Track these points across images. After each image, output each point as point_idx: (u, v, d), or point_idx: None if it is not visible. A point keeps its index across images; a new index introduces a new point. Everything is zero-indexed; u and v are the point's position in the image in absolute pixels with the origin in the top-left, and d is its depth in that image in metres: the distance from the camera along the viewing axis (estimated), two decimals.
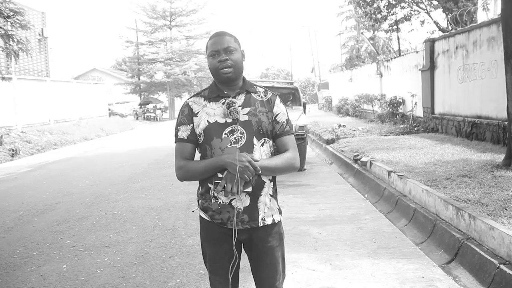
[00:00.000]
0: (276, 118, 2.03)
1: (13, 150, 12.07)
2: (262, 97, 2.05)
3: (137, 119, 29.70)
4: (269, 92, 2.08)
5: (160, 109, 32.17)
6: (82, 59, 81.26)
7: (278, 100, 2.07)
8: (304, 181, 7.53)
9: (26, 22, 12.56)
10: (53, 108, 19.40)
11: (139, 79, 33.35)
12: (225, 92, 2.00)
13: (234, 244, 1.95)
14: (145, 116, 30.36)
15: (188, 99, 2.08)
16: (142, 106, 31.84)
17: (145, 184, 7.63)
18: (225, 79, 1.97)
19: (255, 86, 2.08)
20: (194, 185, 7.84)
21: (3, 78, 13.79)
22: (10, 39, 11.73)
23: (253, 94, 2.04)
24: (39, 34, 20.97)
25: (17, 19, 11.75)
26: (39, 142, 14.07)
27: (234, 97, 1.99)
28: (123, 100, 37.45)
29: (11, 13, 11.50)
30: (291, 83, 10.95)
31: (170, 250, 4.30)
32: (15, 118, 16.13)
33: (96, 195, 6.85)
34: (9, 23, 11.60)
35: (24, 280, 3.69)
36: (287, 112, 2.10)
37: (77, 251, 4.35)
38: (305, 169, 8.71)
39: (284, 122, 2.05)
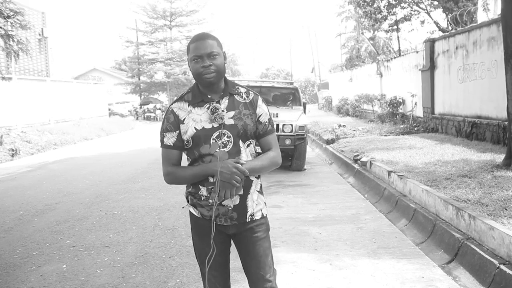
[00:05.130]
0: (259, 118, 2.08)
1: (13, 150, 12.06)
2: (245, 98, 2.08)
3: (137, 119, 29.66)
4: (251, 93, 2.12)
5: (160, 109, 32.14)
6: (82, 59, 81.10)
7: (260, 101, 2.11)
8: (304, 181, 7.53)
9: (26, 22, 12.54)
10: (53, 108, 19.39)
11: (139, 79, 33.33)
12: (209, 96, 2.03)
13: (212, 237, 2.01)
14: (145, 116, 30.33)
15: (171, 104, 2.08)
16: (142, 106, 31.83)
17: (145, 184, 7.64)
18: (208, 83, 1.99)
19: (237, 87, 2.11)
20: None
21: (3, 78, 13.78)
22: (10, 39, 11.71)
23: (236, 96, 2.07)
24: (39, 34, 20.95)
25: (17, 19, 11.72)
26: (39, 142, 14.06)
27: (218, 101, 2.02)
28: (123, 100, 37.40)
29: (11, 13, 11.48)
30: (291, 83, 10.94)
31: (170, 250, 4.30)
32: (15, 118, 16.13)
33: (96, 195, 6.85)
34: (9, 23, 11.57)
35: (24, 280, 3.70)
36: (268, 111, 2.14)
37: (77, 251, 4.36)
38: (305, 169, 8.71)
39: (266, 122, 2.10)
